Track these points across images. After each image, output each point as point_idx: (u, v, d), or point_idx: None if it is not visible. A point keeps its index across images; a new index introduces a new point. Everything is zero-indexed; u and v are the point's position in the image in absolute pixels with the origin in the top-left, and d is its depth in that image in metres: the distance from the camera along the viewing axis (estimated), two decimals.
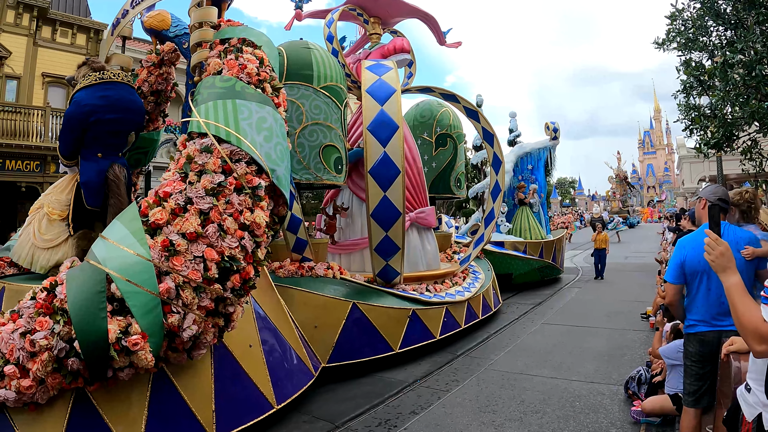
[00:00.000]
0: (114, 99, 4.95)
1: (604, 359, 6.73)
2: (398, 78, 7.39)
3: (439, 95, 9.89)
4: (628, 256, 21.14)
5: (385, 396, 5.72)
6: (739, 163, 14.60)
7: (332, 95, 7.39)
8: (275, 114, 4.53)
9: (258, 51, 4.81)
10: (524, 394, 5.55)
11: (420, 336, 7.22)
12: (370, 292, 7.04)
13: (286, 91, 6.72)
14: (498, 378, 6.14)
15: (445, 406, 5.31)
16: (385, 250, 7.07)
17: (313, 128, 7.15)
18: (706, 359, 3.37)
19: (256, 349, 4.83)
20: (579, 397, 5.37)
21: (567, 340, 7.87)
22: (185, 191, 3.85)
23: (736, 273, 2.21)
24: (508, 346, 7.66)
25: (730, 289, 2.18)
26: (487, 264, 11.10)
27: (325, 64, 7.40)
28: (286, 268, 6.82)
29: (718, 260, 2.25)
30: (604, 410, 5.02)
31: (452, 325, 7.94)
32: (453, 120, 11.10)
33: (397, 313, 6.99)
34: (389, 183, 6.83)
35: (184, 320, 3.58)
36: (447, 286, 8.52)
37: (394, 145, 6.85)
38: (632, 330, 8.26)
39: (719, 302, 3.29)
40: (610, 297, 11.63)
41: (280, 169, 4.29)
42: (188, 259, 3.64)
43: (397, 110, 7.02)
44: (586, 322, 9.05)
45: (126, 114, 5.05)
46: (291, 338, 5.51)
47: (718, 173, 17.79)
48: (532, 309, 10.64)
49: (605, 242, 15.09)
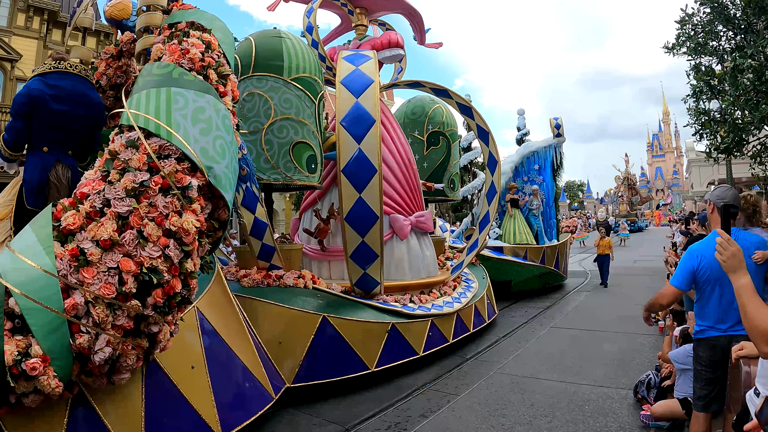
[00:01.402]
0: (66, 90, 4.61)
1: (613, 363, 6.73)
2: (377, 68, 6.81)
3: (430, 90, 9.29)
4: (636, 260, 21.05)
5: (394, 399, 5.75)
6: (748, 166, 14.56)
7: (305, 88, 6.86)
8: (217, 104, 4.03)
9: (206, 35, 4.34)
10: (533, 398, 5.57)
11: (400, 353, 6.58)
12: (345, 304, 6.45)
13: (254, 83, 6.58)
14: (507, 382, 6.17)
15: (455, 410, 5.34)
16: (362, 258, 6.52)
17: (282, 124, 6.62)
18: (717, 364, 3.38)
19: (200, 370, 4.23)
20: (588, 401, 5.39)
21: (576, 344, 7.88)
22: (104, 192, 3.38)
23: (746, 274, 2.23)
24: (518, 349, 7.67)
25: (740, 290, 2.20)
26: (482, 271, 10.49)
27: (298, 54, 6.89)
28: (251, 277, 6.30)
29: (729, 261, 2.27)
30: (613, 414, 5.03)
31: (438, 340, 7.30)
32: (446, 117, 10.60)
33: (374, 328, 6.36)
34: (365, 183, 6.23)
35: (96, 341, 3.09)
36: (434, 297, 7.87)
37: (370, 141, 6.23)
38: (641, 334, 8.25)
39: (731, 308, 3.30)
40: (618, 300, 11.61)
41: (219, 167, 3.78)
42: (101, 270, 3.16)
43: (374, 103, 6.38)
44: (595, 326, 9.05)
45: (77, 107, 4.68)
46: (246, 357, 4.90)
47: (727, 177, 17.73)
48: (541, 313, 10.64)
49: (609, 248, 14.47)
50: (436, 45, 10.77)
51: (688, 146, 46.28)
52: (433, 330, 7.16)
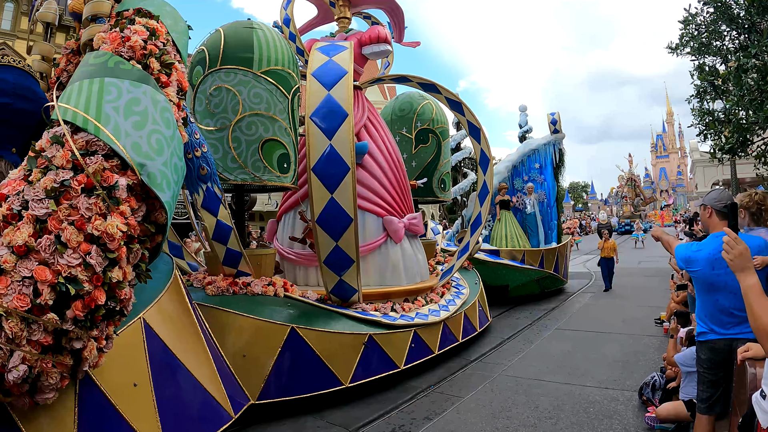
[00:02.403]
0: (8, 83, 4.41)
1: (618, 365, 6.72)
2: (352, 59, 6.38)
3: (417, 85, 8.75)
4: (641, 261, 21.00)
5: (399, 401, 5.76)
6: (753, 167, 14.52)
7: (277, 82, 6.37)
8: (156, 95, 3.67)
9: (152, 21, 4.04)
10: (538, 400, 5.57)
11: (378, 366, 6.14)
12: (318, 313, 6.03)
13: (222, 77, 6.16)
14: (512, 384, 6.16)
15: (459, 412, 5.34)
16: (336, 263, 6.09)
17: (251, 120, 6.17)
18: (718, 366, 3.38)
19: (144, 388, 3.81)
20: (593, 403, 5.37)
21: (581, 345, 7.86)
22: (23, 193, 3.06)
23: (754, 274, 2.22)
24: (522, 351, 7.66)
25: (747, 290, 2.19)
26: (474, 276, 9.93)
27: (270, 45, 6.41)
28: (215, 285, 5.86)
29: (736, 260, 2.26)
30: (618, 416, 5.02)
31: (422, 352, 6.80)
32: (436, 114, 10.03)
33: (348, 340, 5.93)
34: (337, 182, 5.81)
35: (10, 358, 2.78)
36: (419, 305, 7.36)
37: (342, 136, 5.83)
38: (646, 335, 8.23)
39: (728, 312, 3.30)
40: (623, 302, 11.58)
41: (153, 164, 3.41)
42: (15, 280, 2.83)
43: (347, 95, 6.00)
44: (600, 328, 9.03)
45: (20, 101, 4.44)
46: (202, 373, 4.45)
47: (732, 177, 17.70)
48: (546, 314, 10.62)
49: (613, 250, 13.85)
50: (413, 44, 10.42)
51: (692, 147, 46.21)
52: (416, 341, 6.69)
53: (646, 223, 38.80)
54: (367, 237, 7.33)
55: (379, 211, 7.55)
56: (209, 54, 6.25)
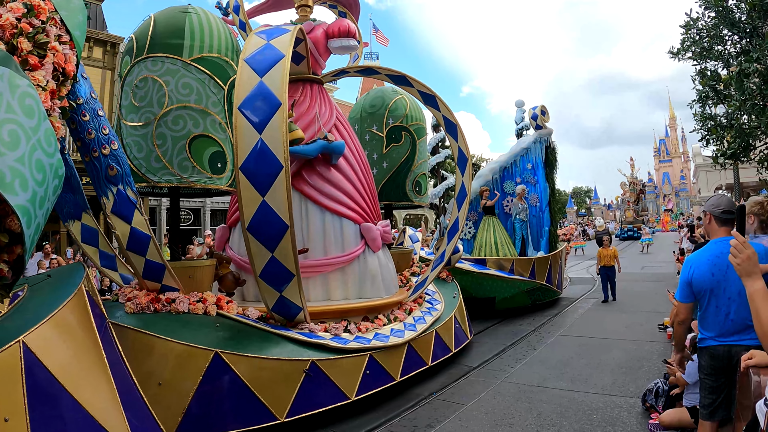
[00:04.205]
0: None
1: (621, 371, 6.68)
2: (292, 42, 5.59)
3: (386, 77, 8.06)
4: (644, 266, 20.94)
5: (401, 409, 5.72)
6: (756, 171, 14.49)
7: (211, 70, 5.73)
8: (15, 79, 3.18)
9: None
10: (541, 406, 5.53)
11: (323, 397, 5.30)
12: (253, 335, 5.30)
13: (148, 66, 5.58)
14: (514, 390, 6.12)
15: (461, 419, 5.31)
16: (274, 278, 5.29)
17: (179, 113, 5.51)
18: (719, 372, 3.37)
19: (16, 423, 3.19)
20: (596, 410, 5.34)
21: (584, 351, 7.83)
22: None
23: (760, 279, 2.21)
24: (525, 357, 7.63)
25: (753, 295, 2.18)
26: (454, 289, 9.01)
27: (204, 31, 5.77)
28: (136, 301, 5.16)
29: (743, 264, 2.25)
30: (621, 423, 4.99)
31: (379, 379, 5.92)
32: (410, 110, 9.17)
33: (285, 367, 5.10)
34: (268, 183, 5.03)
35: None
36: (379, 324, 6.50)
37: (274, 129, 5.04)
38: (649, 341, 8.19)
39: (728, 319, 3.29)
40: (626, 308, 11.53)
41: (4, 160, 2.95)
42: None
43: (282, 82, 5.21)
44: (603, 334, 8.99)
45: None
46: (99, 405, 3.63)
47: (734, 182, 17.67)
48: (549, 320, 10.58)
49: (614, 258, 12.77)
50: (363, 44, 9.62)
51: (695, 151, 46.21)
52: (372, 367, 5.83)
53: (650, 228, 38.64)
54: (345, 246, 6.90)
55: (356, 217, 7.12)
56: (137, 42, 5.71)
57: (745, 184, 25.99)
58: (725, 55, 12.86)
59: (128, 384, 4.06)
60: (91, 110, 4.62)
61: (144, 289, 5.35)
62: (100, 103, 4.80)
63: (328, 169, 7.07)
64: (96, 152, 4.58)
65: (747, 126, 12.04)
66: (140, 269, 5.20)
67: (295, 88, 7.35)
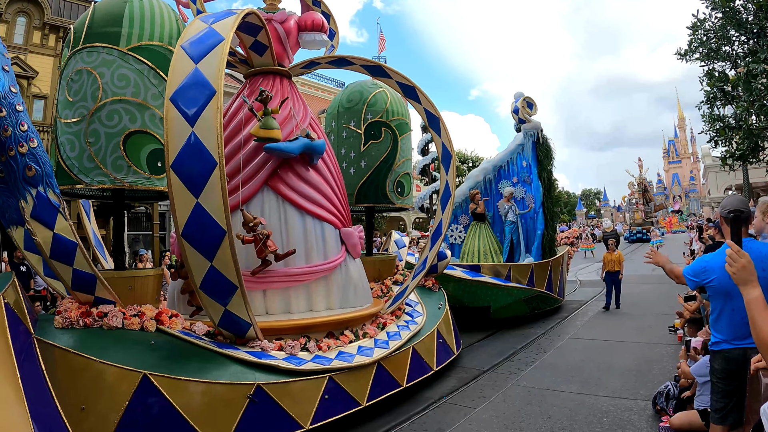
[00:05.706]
0: None
1: (631, 374, 6.67)
2: (234, 26, 4.97)
3: (360, 68, 7.48)
4: (654, 268, 20.78)
5: (411, 413, 5.75)
6: (765, 172, 14.42)
7: (152, 61, 5.20)
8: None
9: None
10: (551, 410, 5.54)
11: (270, 427, 4.65)
12: (193, 355, 4.68)
13: (84, 58, 5.14)
14: (524, 394, 6.13)
15: (472, 423, 5.33)
16: (216, 289, 4.67)
17: (114, 108, 5.00)
18: (732, 376, 3.36)
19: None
20: (606, 413, 5.35)
21: (594, 354, 7.82)
22: None
23: (757, 287, 2.21)
24: (535, 361, 7.63)
25: (750, 304, 2.18)
26: (440, 298, 8.26)
27: (145, 18, 5.27)
28: (65, 315, 4.59)
29: (739, 273, 2.26)
30: (632, 426, 4.99)
31: (340, 405, 5.19)
32: (391, 104, 8.42)
33: (225, 392, 4.49)
34: (202, 183, 4.40)
35: None
36: (344, 341, 5.84)
37: (207, 121, 4.41)
38: (660, 344, 8.17)
39: (743, 322, 3.28)
40: (636, 310, 11.48)
41: None
42: None
43: (219, 68, 4.58)
44: (613, 336, 8.97)
45: None
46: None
47: (744, 182, 17.57)
48: (559, 323, 10.57)
49: (619, 263, 12.03)
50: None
51: (704, 152, 45.87)
52: (332, 390, 5.14)
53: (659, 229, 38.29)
54: (327, 252, 6.54)
55: (336, 221, 6.77)
56: (74, 33, 5.31)
57: (755, 184, 25.79)
58: (733, 56, 12.83)
59: (49, 408, 3.64)
60: (9, 105, 4.27)
61: (75, 302, 4.80)
62: (20, 98, 4.46)
63: (306, 170, 6.64)
64: (12, 151, 4.22)
65: (755, 127, 11.99)
66: (68, 280, 4.65)
67: (264, 82, 6.98)
